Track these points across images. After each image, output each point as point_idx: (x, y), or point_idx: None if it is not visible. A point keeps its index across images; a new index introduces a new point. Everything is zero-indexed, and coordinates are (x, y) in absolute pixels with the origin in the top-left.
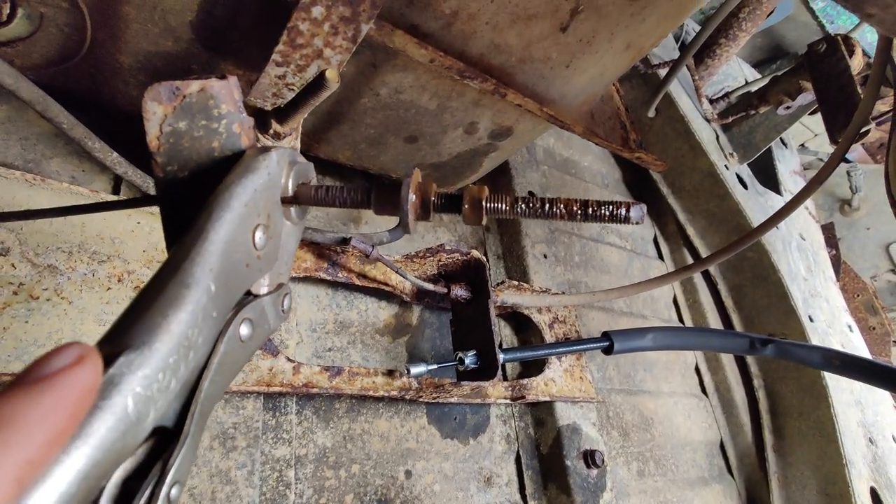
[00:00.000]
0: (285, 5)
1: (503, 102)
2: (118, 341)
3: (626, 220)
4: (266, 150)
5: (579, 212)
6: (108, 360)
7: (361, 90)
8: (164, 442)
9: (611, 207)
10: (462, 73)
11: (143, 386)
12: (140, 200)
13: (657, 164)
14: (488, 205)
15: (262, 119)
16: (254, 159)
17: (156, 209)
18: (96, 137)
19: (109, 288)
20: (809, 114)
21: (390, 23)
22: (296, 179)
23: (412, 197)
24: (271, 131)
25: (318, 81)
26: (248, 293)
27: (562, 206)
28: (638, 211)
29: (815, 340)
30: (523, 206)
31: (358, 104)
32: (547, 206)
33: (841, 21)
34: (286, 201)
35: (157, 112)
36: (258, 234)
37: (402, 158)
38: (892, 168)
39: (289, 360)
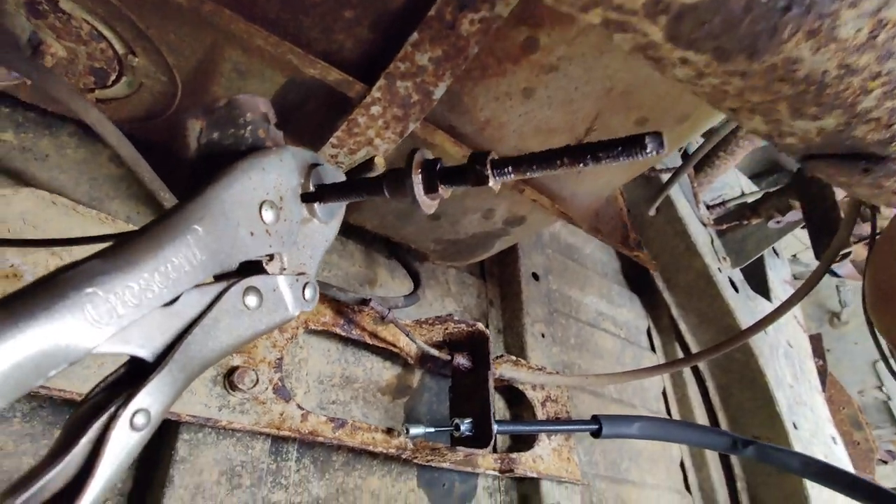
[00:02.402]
0: (347, 100)
1: (519, 196)
2: (95, 255)
3: (643, 149)
4: (284, 146)
5: (588, 156)
6: (76, 266)
7: None
8: (140, 374)
9: (623, 143)
10: None
11: (104, 290)
12: None
13: (652, 263)
14: (494, 169)
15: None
16: (267, 148)
17: None
18: (168, 191)
19: None
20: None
21: (433, 123)
22: (316, 179)
23: (417, 177)
24: None
25: (367, 165)
26: (260, 269)
27: (566, 157)
28: (655, 139)
29: (798, 448)
30: (530, 162)
31: None
32: (555, 158)
33: None
34: (307, 198)
35: (195, 127)
36: (266, 210)
37: (424, 232)
38: (868, 290)
39: (299, 407)
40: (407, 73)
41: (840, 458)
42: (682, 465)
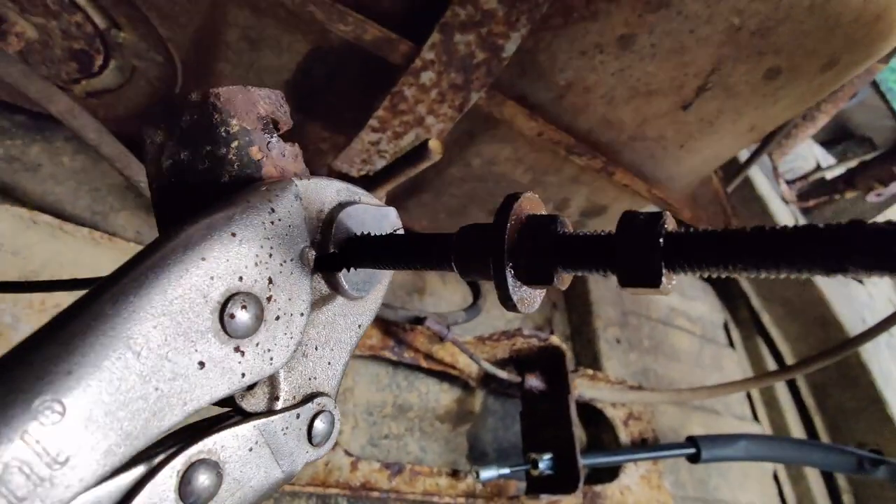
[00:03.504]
0: (389, 69)
1: (603, 181)
2: None
3: None
4: (282, 181)
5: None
6: None
7: (452, 159)
8: None
9: None
10: (570, 149)
11: None
12: None
13: None
14: (676, 247)
15: (289, 144)
16: (251, 192)
17: None
18: None
19: None
20: None
21: (501, 92)
22: (345, 229)
23: (513, 243)
24: None
25: (419, 151)
26: (236, 408)
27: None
28: None
29: None
30: (741, 253)
31: (446, 174)
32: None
33: None
34: (322, 264)
35: (156, 140)
36: (232, 311)
37: None
38: None
39: (347, 453)
40: (469, 21)
41: None
42: (775, 477)
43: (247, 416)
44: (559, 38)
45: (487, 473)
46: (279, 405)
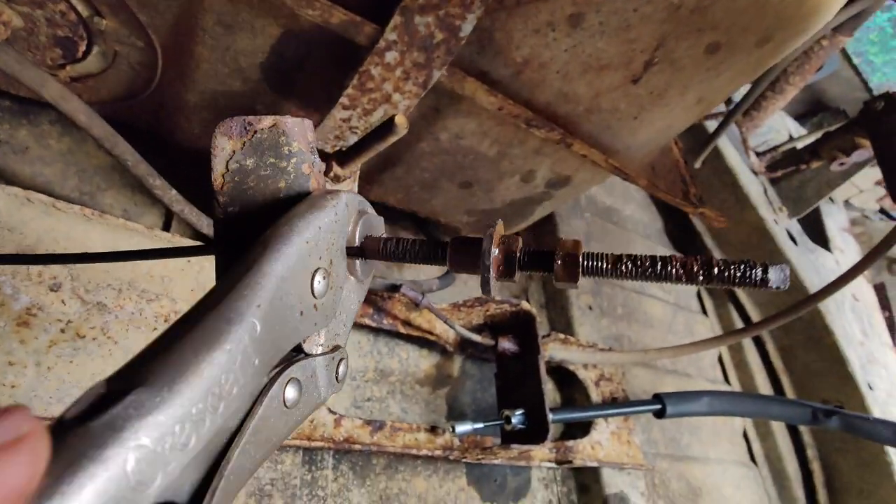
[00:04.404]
0: (356, 49)
1: (564, 152)
2: (132, 377)
3: (764, 283)
4: (336, 191)
5: (700, 273)
6: (113, 399)
7: (421, 134)
8: None
9: (742, 268)
10: (529, 122)
11: (154, 438)
12: (197, 249)
13: (720, 220)
14: (586, 263)
15: (322, 161)
16: (322, 198)
17: None
18: (157, 175)
19: (156, 328)
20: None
21: (461, 69)
22: (363, 230)
23: (494, 252)
24: (331, 174)
25: (386, 126)
26: (299, 351)
27: (677, 265)
28: (779, 273)
29: (875, 410)
30: (628, 264)
31: (416, 148)
32: (659, 266)
33: (876, 78)
34: (352, 253)
35: (226, 147)
36: (318, 280)
37: (454, 203)
38: None
39: (330, 411)
40: (427, 4)
41: None
42: (744, 435)
43: (307, 356)
44: (513, 18)
45: (462, 428)
46: (321, 350)
